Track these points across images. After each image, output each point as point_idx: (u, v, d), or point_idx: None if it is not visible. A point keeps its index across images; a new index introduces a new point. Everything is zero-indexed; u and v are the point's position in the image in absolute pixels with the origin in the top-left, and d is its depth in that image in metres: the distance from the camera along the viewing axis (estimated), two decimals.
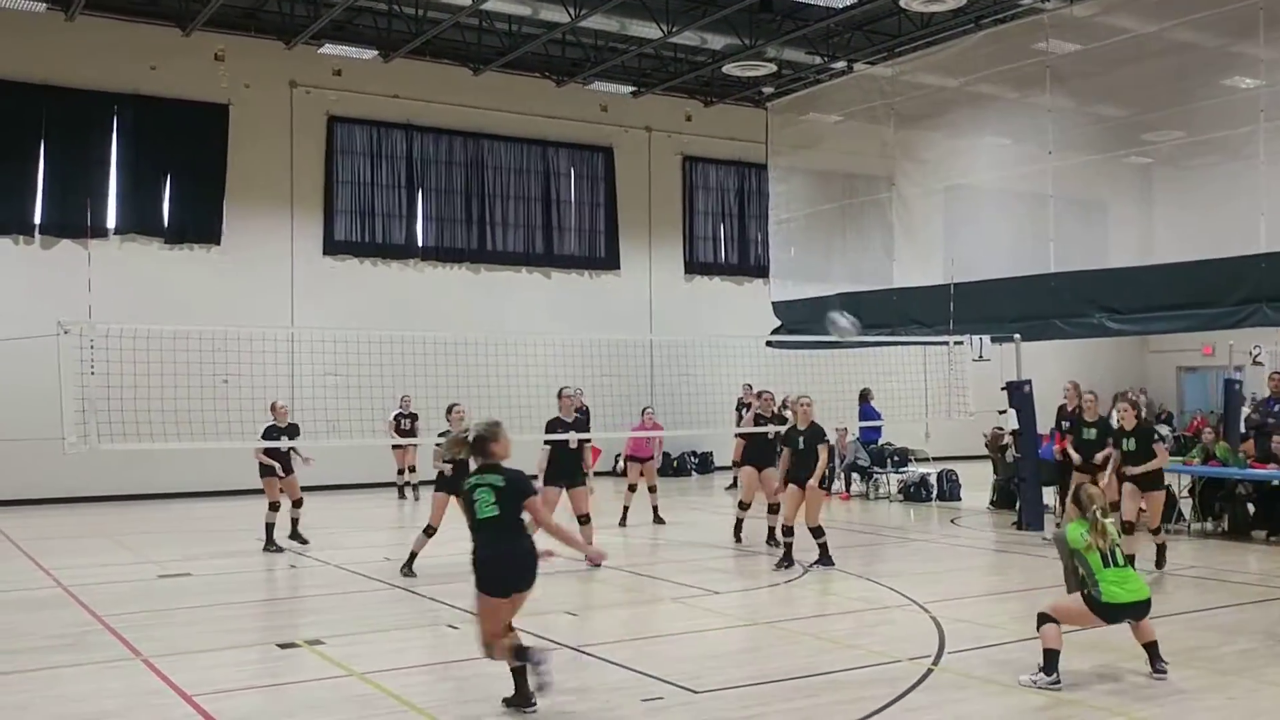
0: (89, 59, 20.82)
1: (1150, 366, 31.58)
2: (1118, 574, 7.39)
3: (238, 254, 22.11)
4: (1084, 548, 7.41)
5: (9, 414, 18.57)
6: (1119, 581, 7.37)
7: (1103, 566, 7.39)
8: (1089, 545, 7.38)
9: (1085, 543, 7.41)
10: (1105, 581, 7.35)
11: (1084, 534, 7.45)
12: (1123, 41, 17.19)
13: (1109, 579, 7.36)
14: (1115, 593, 7.35)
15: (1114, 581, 7.36)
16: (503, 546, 6.87)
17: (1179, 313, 16.04)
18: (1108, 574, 7.37)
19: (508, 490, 6.89)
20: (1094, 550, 7.38)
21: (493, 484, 6.93)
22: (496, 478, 6.95)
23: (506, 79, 24.42)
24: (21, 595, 11.08)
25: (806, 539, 12.19)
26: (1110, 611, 7.40)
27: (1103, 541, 7.40)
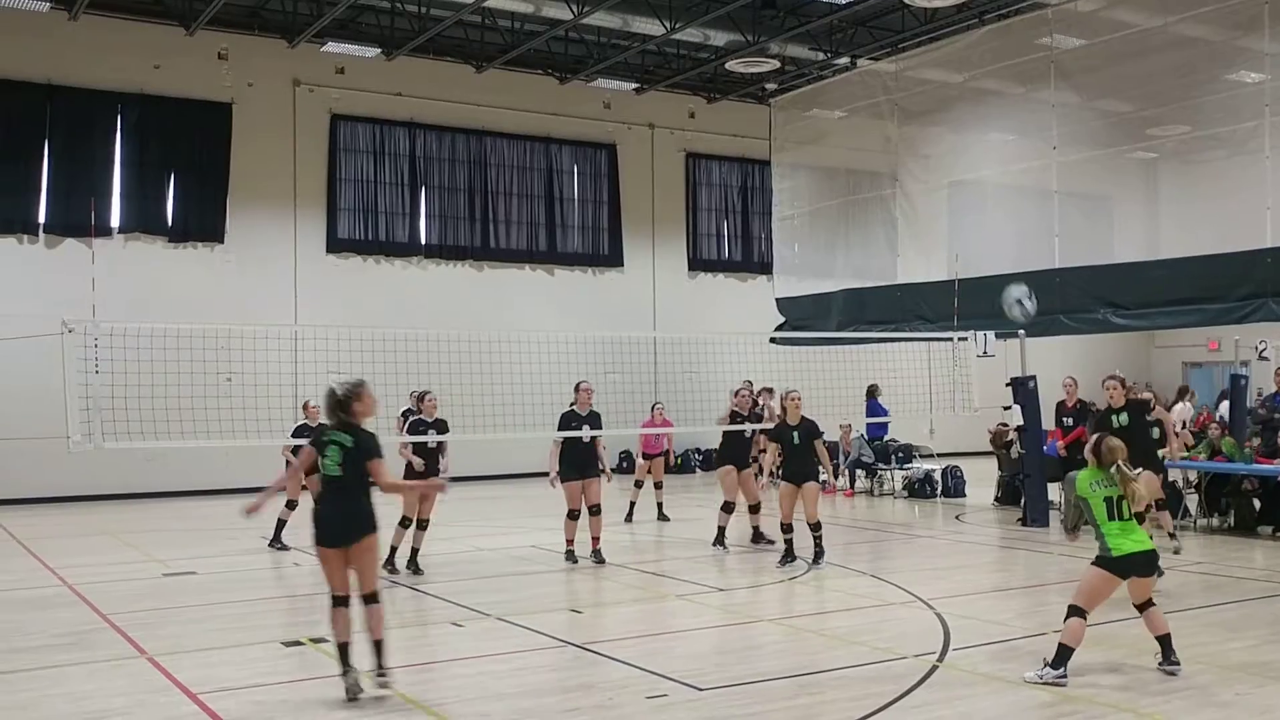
0: (92, 58, 20.84)
1: (1156, 362, 31.52)
2: (1122, 526, 7.38)
3: (241, 252, 22.13)
4: (1090, 496, 7.42)
5: (13, 412, 18.60)
6: (1124, 532, 7.36)
7: (1107, 519, 7.37)
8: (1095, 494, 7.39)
9: (1092, 492, 7.42)
10: (1110, 535, 7.34)
11: (1093, 483, 7.45)
12: (1127, 36, 17.15)
13: (1113, 531, 7.35)
14: (1122, 544, 7.33)
15: (1119, 533, 7.35)
16: (339, 504, 7.19)
17: (1184, 308, 16.01)
18: (1112, 526, 7.36)
19: (354, 451, 7.17)
20: (1100, 501, 7.37)
21: (341, 443, 7.20)
22: (347, 437, 7.22)
23: (509, 76, 24.41)
24: (27, 594, 11.09)
25: (804, 536, 12.15)
26: (1122, 565, 7.35)
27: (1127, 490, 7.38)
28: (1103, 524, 7.40)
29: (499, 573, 12.23)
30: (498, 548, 14.12)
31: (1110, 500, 7.42)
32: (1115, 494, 7.43)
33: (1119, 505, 7.42)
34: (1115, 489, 7.45)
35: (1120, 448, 7.58)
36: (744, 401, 13.87)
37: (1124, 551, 7.34)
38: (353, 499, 7.22)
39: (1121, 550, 7.34)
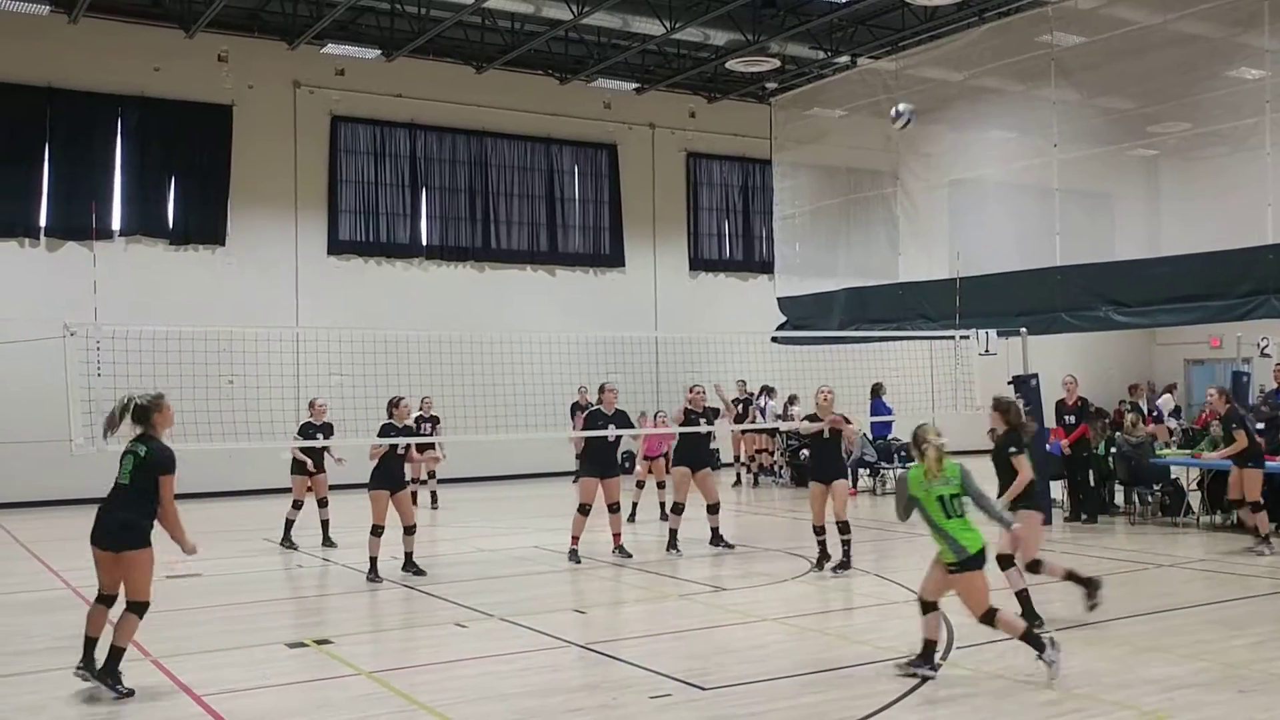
0: (92, 61, 20.86)
1: (1158, 359, 31.52)
2: (962, 523, 7.33)
3: (242, 254, 22.14)
4: (923, 496, 7.33)
5: (16, 416, 18.63)
6: (966, 529, 7.32)
7: (945, 517, 7.31)
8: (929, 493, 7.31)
9: (925, 491, 7.32)
10: (961, 535, 7.27)
11: (925, 482, 7.37)
12: (1127, 33, 17.13)
13: (958, 529, 7.29)
14: (973, 540, 7.28)
15: (965, 530, 7.30)
16: (113, 510, 7.41)
17: (1186, 305, 15.99)
18: (952, 524, 7.30)
19: (145, 462, 7.36)
20: (934, 500, 7.29)
21: (135, 453, 7.44)
22: (142, 448, 7.43)
23: (509, 77, 24.41)
24: (31, 597, 11.10)
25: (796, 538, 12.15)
26: (982, 558, 7.31)
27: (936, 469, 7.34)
28: (942, 524, 7.30)
29: (502, 573, 12.24)
30: (500, 548, 14.13)
31: (944, 499, 7.34)
32: (949, 492, 7.36)
33: (952, 503, 7.34)
34: (949, 487, 7.36)
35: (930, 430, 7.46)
36: (698, 399, 13.63)
37: (977, 547, 7.30)
38: (130, 509, 7.36)
39: (975, 546, 7.29)
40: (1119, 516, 15.78)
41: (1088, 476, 15.66)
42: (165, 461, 7.41)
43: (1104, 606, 9.72)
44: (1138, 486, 15.62)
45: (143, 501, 7.38)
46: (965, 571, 7.32)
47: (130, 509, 7.38)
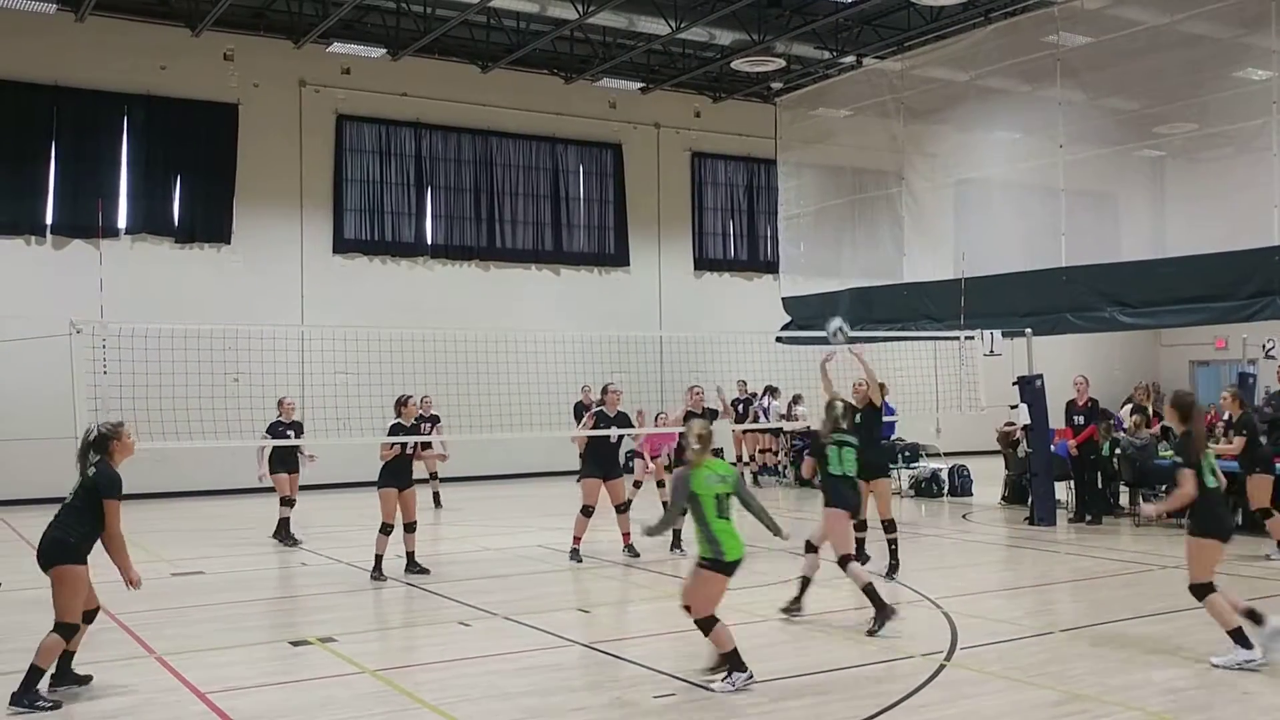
0: (99, 59, 20.88)
1: (1163, 360, 31.47)
2: (728, 526, 7.33)
3: (248, 253, 22.17)
4: (704, 492, 7.29)
5: (22, 413, 18.65)
6: (732, 535, 7.32)
7: (716, 516, 7.29)
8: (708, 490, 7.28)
9: (706, 488, 7.29)
10: (723, 536, 7.26)
11: (708, 478, 7.32)
12: (1134, 34, 17.14)
13: (722, 530, 7.28)
14: (735, 547, 7.28)
15: (729, 535, 7.30)
16: (50, 528, 7.43)
17: (1191, 306, 15.99)
18: (720, 525, 7.28)
19: (90, 483, 7.36)
20: (711, 498, 7.26)
21: (86, 474, 7.44)
22: (93, 472, 7.41)
23: (515, 76, 24.42)
24: (36, 594, 11.07)
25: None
26: (733, 568, 7.31)
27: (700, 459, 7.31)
28: (712, 522, 7.28)
29: (506, 572, 12.24)
30: (504, 547, 14.13)
31: (720, 497, 7.34)
32: (725, 491, 7.36)
33: (725, 503, 7.35)
34: (725, 486, 7.38)
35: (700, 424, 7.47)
36: (698, 401, 13.64)
37: (735, 555, 7.29)
38: (63, 527, 7.39)
39: (734, 554, 7.28)
40: (1124, 517, 15.75)
41: (1095, 478, 15.63)
42: (107, 485, 7.36)
43: (1110, 606, 9.72)
44: (1142, 487, 15.60)
45: (80, 521, 7.36)
46: (710, 571, 7.30)
47: (63, 527, 7.38)
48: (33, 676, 7.21)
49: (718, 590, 7.33)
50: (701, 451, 7.42)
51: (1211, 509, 7.85)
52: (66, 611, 7.35)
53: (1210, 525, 7.79)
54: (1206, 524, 7.82)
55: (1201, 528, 7.84)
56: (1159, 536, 14.27)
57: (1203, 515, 7.84)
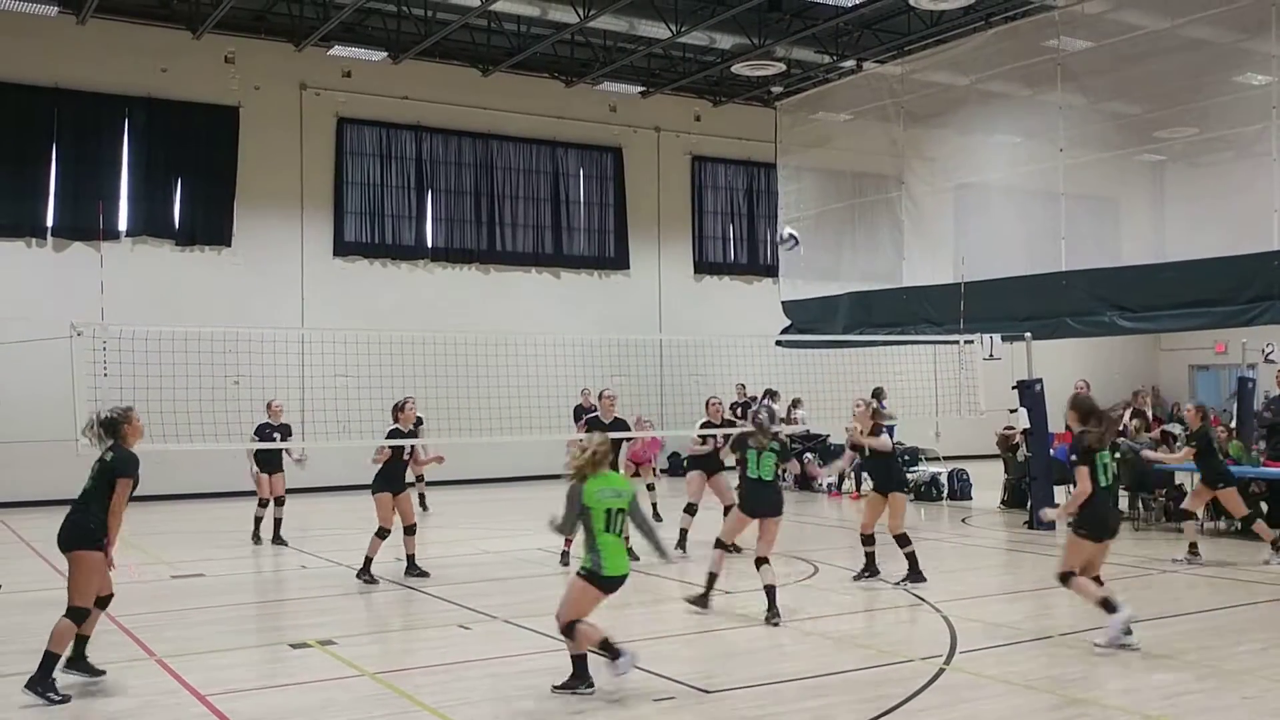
0: (100, 62, 20.90)
1: (1163, 365, 31.49)
2: (616, 542, 7.30)
3: (248, 255, 22.18)
4: (595, 505, 7.25)
5: (23, 416, 18.65)
6: (617, 551, 7.29)
7: (604, 530, 7.26)
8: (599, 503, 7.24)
9: (598, 500, 7.25)
10: (606, 550, 7.23)
11: (599, 492, 7.28)
12: (1134, 38, 17.15)
13: (609, 545, 7.25)
14: (617, 564, 7.26)
15: (614, 551, 7.27)
16: (71, 512, 7.56)
17: (1191, 310, 15.99)
18: (608, 539, 7.26)
19: (107, 467, 7.62)
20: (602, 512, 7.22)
21: (103, 459, 7.72)
22: (109, 454, 7.71)
23: (515, 80, 24.44)
24: (36, 596, 11.11)
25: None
26: (610, 584, 7.29)
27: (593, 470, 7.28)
28: (598, 535, 7.25)
29: (505, 575, 12.25)
30: (504, 550, 14.13)
31: (611, 512, 7.29)
32: (618, 506, 7.32)
33: (617, 519, 7.31)
34: (620, 501, 7.33)
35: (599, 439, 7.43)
36: (716, 411, 13.66)
37: (616, 572, 7.26)
38: (83, 511, 7.53)
39: (615, 570, 7.26)
40: (1123, 522, 15.73)
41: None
42: (124, 466, 7.61)
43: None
44: (1141, 492, 15.60)
45: (101, 506, 7.51)
46: (585, 581, 7.22)
47: (84, 511, 7.52)
48: (48, 662, 7.30)
49: (587, 602, 7.27)
50: (597, 465, 7.35)
51: (1095, 509, 8.41)
52: (79, 595, 7.44)
53: (1091, 525, 8.38)
54: (1088, 523, 8.42)
55: (1083, 526, 8.44)
56: (1157, 540, 14.28)
57: (1086, 514, 8.44)
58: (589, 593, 7.27)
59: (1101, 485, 8.39)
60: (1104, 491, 8.43)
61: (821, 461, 21.74)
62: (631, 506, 7.44)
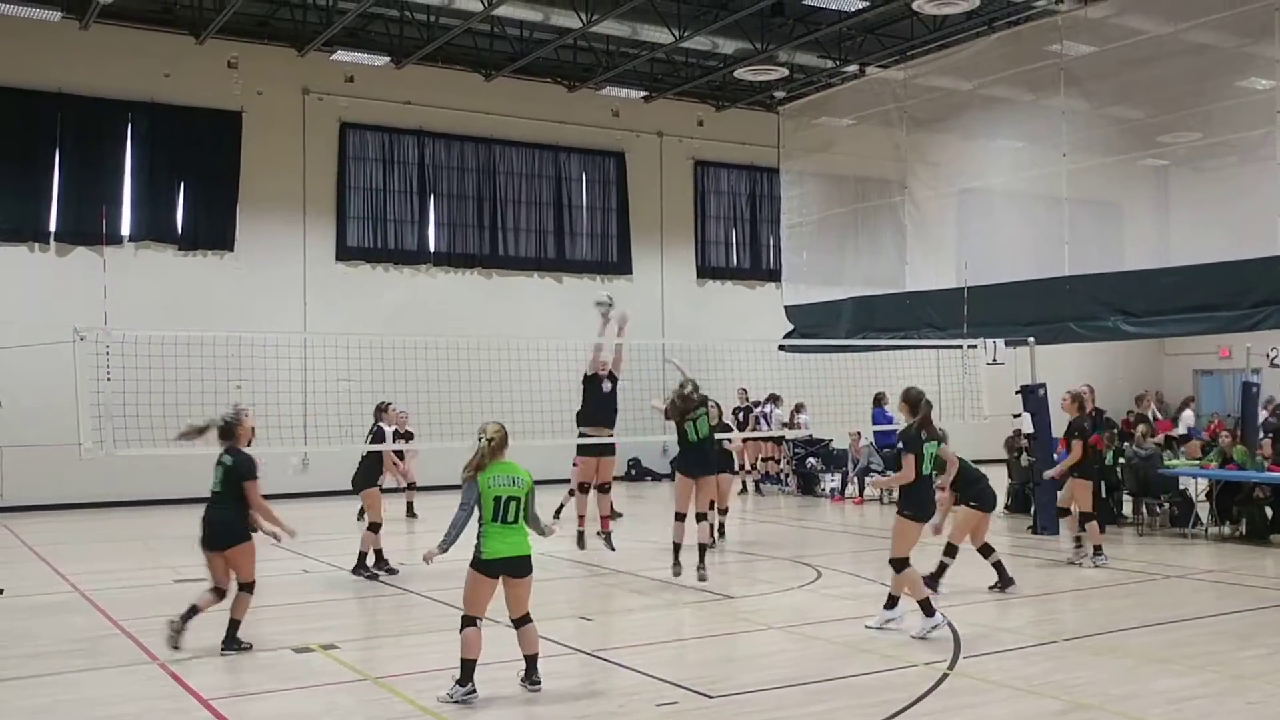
0: (103, 67, 20.93)
1: (1167, 369, 31.46)
2: (504, 529, 7.38)
3: (251, 260, 22.19)
4: (485, 492, 7.40)
5: (26, 420, 18.65)
6: (501, 536, 7.37)
7: (492, 519, 7.37)
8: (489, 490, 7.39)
9: (489, 488, 7.40)
10: (488, 536, 7.35)
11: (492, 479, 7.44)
12: (1138, 43, 17.15)
13: (492, 532, 7.35)
14: (496, 547, 7.34)
15: (496, 536, 7.36)
16: (212, 515, 8.68)
17: (1195, 315, 15.99)
18: (493, 527, 7.37)
19: (232, 470, 8.67)
20: (490, 499, 7.36)
21: (224, 464, 8.74)
22: (229, 459, 8.75)
23: (518, 84, 24.46)
24: (39, 600, 11.12)
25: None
26: (491, 567, 7.37)
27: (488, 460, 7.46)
28: (486, 523, 7.39)
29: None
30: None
31: (500, 500, 7.40)
32: (506, 494, 7.42)
33: (506, 507, 7.40)
34: (513, 489, 7.44)
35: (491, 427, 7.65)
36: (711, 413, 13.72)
37: (494, 555, 7.34)
38: (225, 512, 8.67)
39: (492, 554, 7.34)
40: (1127, 527, 15.73)
41: (1099, 487, 15.58)
42: (247, 469, 8.71)
43: (1113, 616, 9.72)
44: (1146, 497, 15.57)
45: (235, 505, 8.64)
46: (470, 568, 7.42)
47: (225, 512, 8.67)
48: (233, 628, 8.66)
49: (471, 589, 7.41)
50: (493, 453, 7.54)
51: (919, 494, 9.06)
52: (248, 574, 8.74)
53: (915, 509, 9.04)
54: (913, 507, 9.07)
55: (907, 509, 9.09)
56: (1162, 545, 14.25)
57: (910, 499, 9.09)
58: (474, 579, 7.42)
59: (925, 474, 9.18)
60: (927, 479, 9.26)
61: (824, 467, 21.74)
62: (527, 497, 7.53)
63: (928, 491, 9.23)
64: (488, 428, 7.66)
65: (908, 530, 9.13)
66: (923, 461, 8.97)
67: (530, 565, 7.49)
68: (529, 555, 7.48)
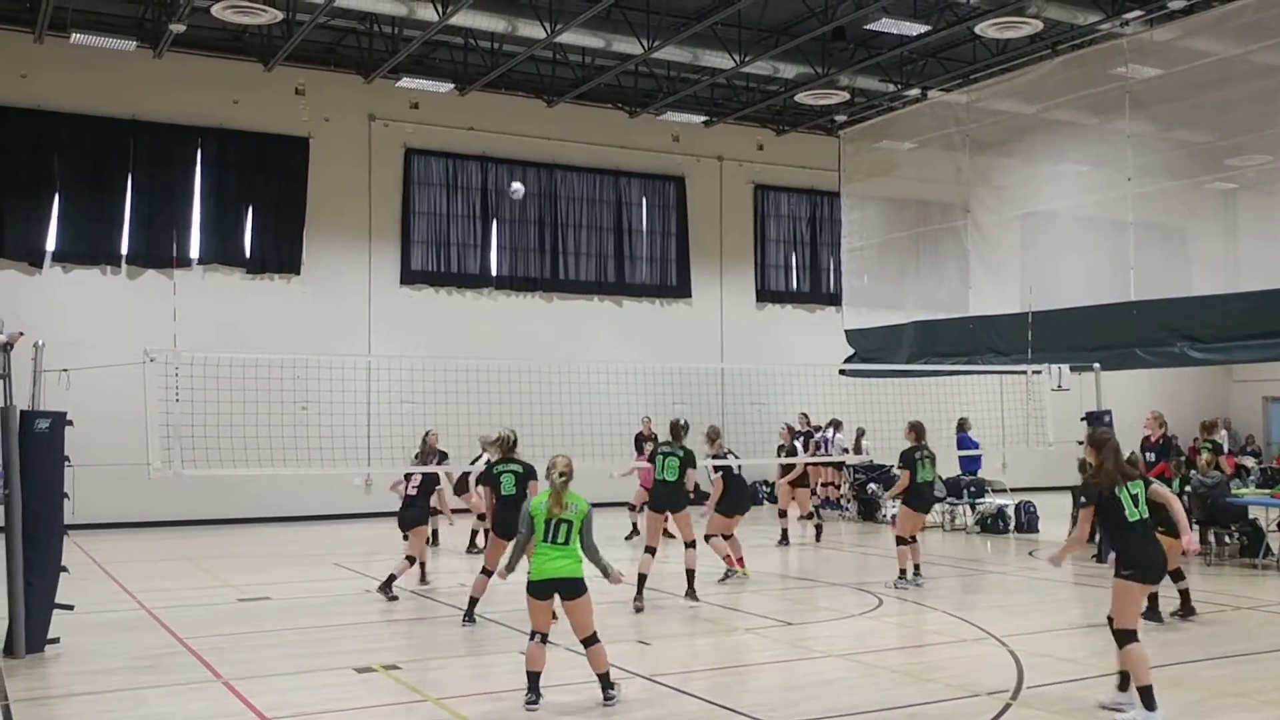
0: (175, 94, 21.40)
1: (1234, 396, 30.82)
2: (554, 549, 7.58)
3: (317, 284, 22.52)
4: (537, 515, 7.69)
5: (97, 440, 18.89)
6: (550, 557, 7.55)
7: (543, 539, 7.61)
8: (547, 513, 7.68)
9: (539, 511, 7.69)
10: (537, 555, 7.59)
11: (544, 503, 7.72)
12: (1205, 65, 16.88)
13: (542, 552, 7.58)
14: (543, 567, 7.54)
15: (544, 557, 7.56)
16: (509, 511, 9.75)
17: (1264, 341, 15.65)
18: (544, 548, 7.58)
19: (524, 475, 10.45)
20: (542, 521, 7.64)
21: (515, 471, 10.50)
22: (518, 467, 10.52)
23: (580, 110, 24.66)
24: (107, 617, 11.33)
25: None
26: (539, 588, 7.57)
27: (558, 509, 7.70)
28: (538, 544, 7.61)
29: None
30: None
31: (550, 523, 7.61)
32: (564, 518, 7.61)
33: (556, 529, 7.59)
34: (565, 514, 7.63)
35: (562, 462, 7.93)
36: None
37: (541, 575, 7.54)
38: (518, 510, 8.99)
39: (539, 574, 7.55)
40: (1196, 557, 15.41)
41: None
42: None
43: (1180, 647, 9.53)
44: (1214, 526, 15.26)
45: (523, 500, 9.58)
46: (528, 591, 7.66)
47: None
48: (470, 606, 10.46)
49: (529, 608, 7.69)
50: (563, 487, 7.80)
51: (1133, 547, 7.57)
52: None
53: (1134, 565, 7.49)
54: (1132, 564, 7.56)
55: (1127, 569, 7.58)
56: (1231, 576, 13.96)
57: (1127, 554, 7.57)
58: (528, 599, 7.68)
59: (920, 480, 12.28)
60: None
61: (885, 492, 21.54)
62: (583, 523, 7.76)
63: (1140, 543, 7.45)
64: (558, 463, 7.86)
65: (1131, 593, 7.41)
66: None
67: (582, 587, 7.61)
68: (579, 578, 7.62)
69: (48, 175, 20.79)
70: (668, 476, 12.06)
